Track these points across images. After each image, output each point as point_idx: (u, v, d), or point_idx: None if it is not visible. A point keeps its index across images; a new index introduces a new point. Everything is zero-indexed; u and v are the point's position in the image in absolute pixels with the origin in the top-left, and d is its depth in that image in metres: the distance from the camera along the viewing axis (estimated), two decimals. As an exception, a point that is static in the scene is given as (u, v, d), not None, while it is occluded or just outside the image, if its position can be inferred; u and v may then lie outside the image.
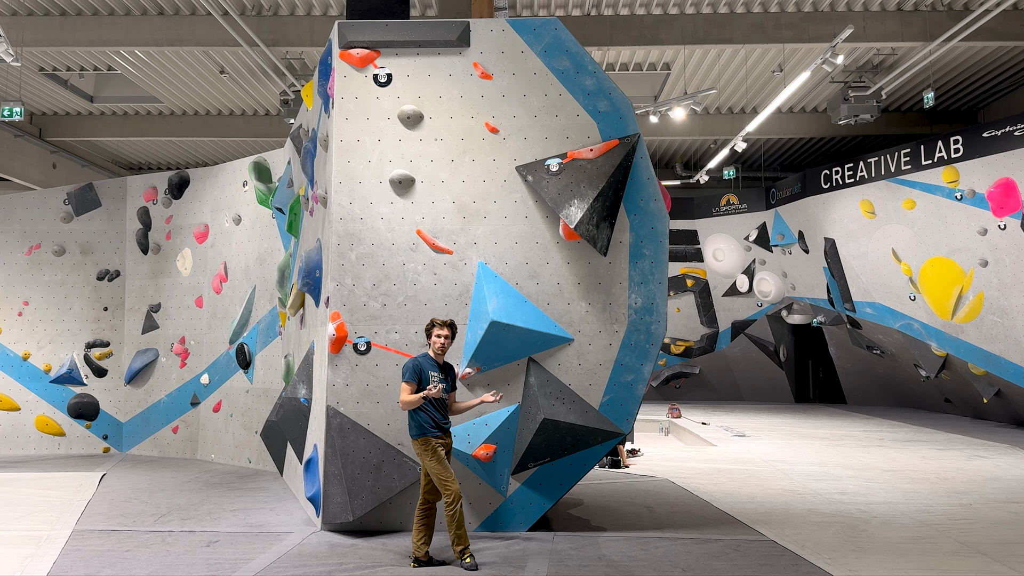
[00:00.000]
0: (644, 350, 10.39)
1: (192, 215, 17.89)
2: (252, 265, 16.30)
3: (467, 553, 8.70)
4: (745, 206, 30.39)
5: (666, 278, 10.51)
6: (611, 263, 10.44)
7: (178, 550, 9.37)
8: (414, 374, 8.91)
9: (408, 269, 10.39)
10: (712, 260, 31.18)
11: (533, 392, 10.22)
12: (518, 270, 10.43)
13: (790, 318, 30.38)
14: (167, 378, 17.82)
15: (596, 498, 12.58)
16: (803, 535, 10.12)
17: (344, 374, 10.25)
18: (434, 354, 9.15)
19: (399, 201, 10.48)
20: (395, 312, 10.33)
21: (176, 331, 17.83)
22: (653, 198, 10.50)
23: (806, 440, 19.69)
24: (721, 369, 32.31)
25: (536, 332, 10.17)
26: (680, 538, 9.96)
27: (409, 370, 8.94)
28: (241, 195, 16.83)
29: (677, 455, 17.77)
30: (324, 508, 10.14)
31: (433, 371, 9.01)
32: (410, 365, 8.99)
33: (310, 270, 11.70)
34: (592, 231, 10.15)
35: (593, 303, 10.41)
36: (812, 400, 32.65)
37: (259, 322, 16.00)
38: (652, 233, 10.48)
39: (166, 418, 17.78)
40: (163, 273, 18.14)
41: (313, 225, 12.17)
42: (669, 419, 24.26)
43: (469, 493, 10.21)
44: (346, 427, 10.13)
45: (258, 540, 9.87)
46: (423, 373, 8.94)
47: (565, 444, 10.23)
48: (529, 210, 10.50)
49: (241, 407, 16.33)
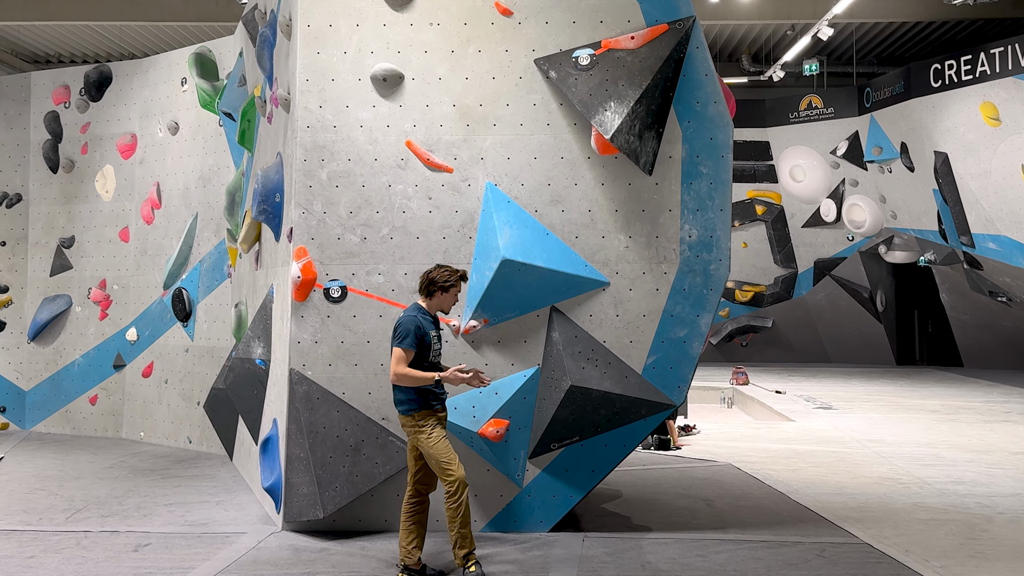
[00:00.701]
0: (701, 297, 10.33)
1: (115, 122, 17.84)
2: (193, 187, 16.27)
3: (472, 560, 8.65)
4: (832, 111, 30.23)
5: (729, 204, 10.42)
6: (658, 184, 10.34)
7: (96, 556, 9.39)
8: (415, 339, 8.72)
9: (395, 192, 10.32)
10: (789, 180, 31.09)
11: (557, 351, 10.18)
12: (537, 193, 10.35)
13: (890, 256, 30.32)
14: (83, 333, 17.86)
15: (639, 489, 12.60)
16: (907, 537, 10.10)
17: (312, 328, 10.21)
18: (431, 309, 9.05)
19: (383, 104, 10.39)
20: (378, 248, 10.27)
21: (95, 272, 17.85)
22: (712, 100, 10.37)
23: (911, 414, 19.70)
24: (801, 322, 32.32)
25: (561, 274, 10.10)
26: (748, 540, 9.97)
27: (409, 332, 8.72)
28: (179, 96, 16.76)
29: (743, 433, 17.79)
30: (286, 502, 10.14)
31: (432, 331, 8.90)
32: (409, 325, 8.76)
33: (268, 194, 11.63)
34: (633, 143, 10.04)
35: (635, 236, 10.33)
36: (918, 362, 32.71)
37: (202, 261, 15.99)
38: (711, 145, 10.36)
39: (81, 385, 17.85)
40: (78, 197, 18.13)
41: (272, 135, 12.09)
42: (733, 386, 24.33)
43: (473, 482, 10.19)
44: (315, 397, 10.11)
45: (200, 543, 9.89)
46: (425, 336, 8.81)
47: (598, 419, 10.20)
48: (552, 116, 10.39)
49: (179, 371, 16.35)
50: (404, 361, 8.64)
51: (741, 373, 25.17)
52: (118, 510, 11.35)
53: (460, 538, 8.66)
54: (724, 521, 10.84)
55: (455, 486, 8.59)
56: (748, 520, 10.88)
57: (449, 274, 8.93)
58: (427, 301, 8.99)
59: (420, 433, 8.71)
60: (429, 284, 8.95)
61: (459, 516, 8.63)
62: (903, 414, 19.63)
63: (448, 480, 8.61)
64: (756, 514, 11.18)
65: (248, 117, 13.81)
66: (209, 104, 15.84)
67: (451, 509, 8.62)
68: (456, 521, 8.63)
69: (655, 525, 10.62)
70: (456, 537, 8.66)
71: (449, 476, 8.60)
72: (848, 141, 29.71)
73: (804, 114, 30.68)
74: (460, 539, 8.66)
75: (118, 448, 16.01)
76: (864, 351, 32.18)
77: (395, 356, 8.68)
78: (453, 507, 8.60)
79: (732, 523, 10.74)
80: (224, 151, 15.58)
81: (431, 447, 8.67)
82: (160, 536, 10.14)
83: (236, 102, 14.37)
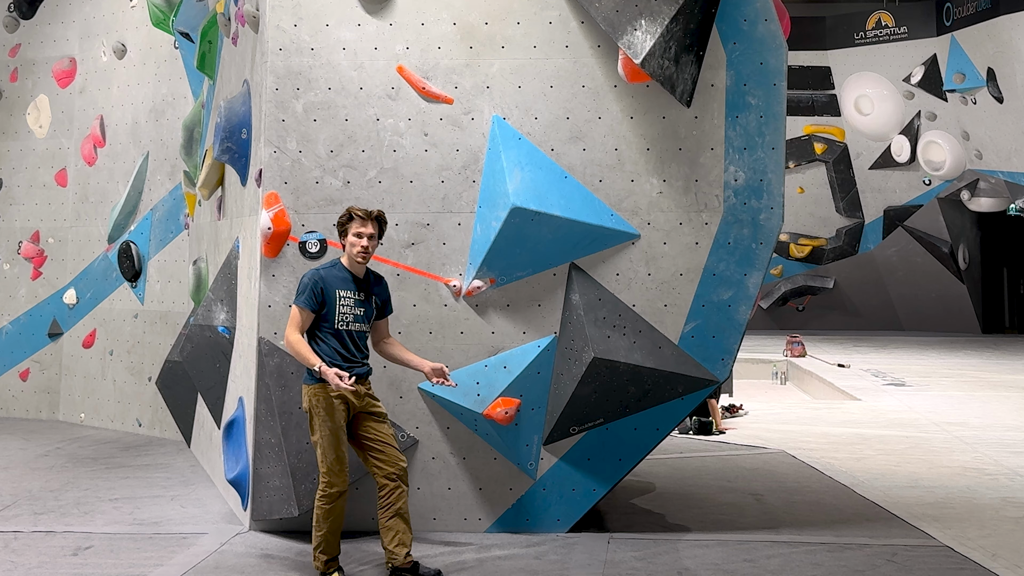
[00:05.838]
0: (749, 252, 10.30)
1: (50, 44, 17.81)
2: (143, 121, 16.26)
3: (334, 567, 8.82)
4: (905, 30, 30.16)
5: (783, 141, 10.39)
6: (697, 118, 10.31)
7: (29, 560, 9.42)
8: (311, 296, 8.76)
9: (384, 127, 10.31)
10: (854, 114, 31.04)
11: (578, 317, 10.16)
12: (554, 129, 10.32)
13: (974, 203, 30.27)
14: (11, 295, 17.87)
15: (675, 481, 12.64)
16: (994, 538, 10.11)
17: (285, 289, 10.19)
18: (350, 263, 9.04)
19: (370, 22, 10.35)
20: (364, 194, 10.25)
21: (26, 223, 17.85)
22: (763, 17, 10.30)
23: (999, 392, 19.72)
24: (868, 282, 32.33)
25: (581, 224, 10.08)
26: (804, 543, 9.98)
27: (306, 288, 8.80)
28: (126, 13, 16.70)
29: (799, 414, 17.84)
30: (255, 496, 10.18)
31: (345, 290, 8.89)
32: (307, 281, 8.83)
33: (233, 129, 11.62)
34: (668, 68, 9.99)
35: (670, 180, 10.31)
36: (1008, 330, 32.72)
37: (154, 209, 16.01)
38: (761, 72, 10.31)
39: (10, 358, 17.87)
40: (5, 133, 18.10)
41: (238, 60, 12.08)
42: (787, 359, 24.36)
43: (477, 474, 10.25)
44: (288, 371, 10.11)
45: (152, 546, 9.91)
46: (327, 294, 8.80)
47: (626, 398, 10.20)
48: (571, 36, 10.35)
49: (127, 340, 16.39)
50: (296, 323, 8.76)
51: (797, 343, 25.20)
52: (54, 506, 11.37)
53: (323, 541, 8.81)
54: (776, 519, 10.88)
55: (329, 489, 8.74)
56: (805, 518, 10.91)
57: (347, 214, 8.94)
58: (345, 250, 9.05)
59: (313, 411, 8.79)
60: (339, 228, 9.07)
61: (329, 520, 8.78)
62: (990, 392, 19.66)
63: (322, 482, 8.77)
64: (814, 511, 11.21)
65: (209, 38, 13.78)
66: (163, 22, 15.72)
67: (321, 508, 8.77)
68: (325, 523, 8.78)
69: (694, 524, 10.65)
70: (319, 541, 8.82)
71: (324, 478, 8.75)
72: (924, 67, 29.65)
73: (872, 34, 30.62)
74: (323, 542, 8.82)
75: (54, 432, 16.08)
76: (943, 317, 32.22)
77: (290, 315, 8.85)
78: (324, 507, 8.77)
79: (786, 522, 10.78)
80: (180, 78, 15.56)
81: (316, 437, 8.80)
82: (104, 537, 10.15)
83: (195, 20, 14.32)
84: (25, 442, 15.18)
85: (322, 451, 8.70)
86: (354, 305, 8.84)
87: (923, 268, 31.61)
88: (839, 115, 31.14)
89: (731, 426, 16.43)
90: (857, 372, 22.52)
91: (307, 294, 8.71)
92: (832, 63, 30.99)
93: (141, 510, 11.23)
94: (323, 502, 8.72)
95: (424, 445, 10.18)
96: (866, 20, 30.56)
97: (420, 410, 10.18)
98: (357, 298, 8.89)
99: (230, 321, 11.99)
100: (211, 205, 13.58)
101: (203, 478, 12.75)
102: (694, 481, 12.60)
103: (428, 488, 10.11)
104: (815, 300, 32.60)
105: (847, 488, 12.17)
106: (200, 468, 13.26)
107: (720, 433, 15.77)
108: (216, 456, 12.33)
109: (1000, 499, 11.65)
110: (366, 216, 8.89)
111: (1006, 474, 12.84)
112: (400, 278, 10.11)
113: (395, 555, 8.75)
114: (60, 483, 12.51)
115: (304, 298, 8.70)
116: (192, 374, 13.03)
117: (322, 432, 8.70)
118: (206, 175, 13.21)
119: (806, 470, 13.15)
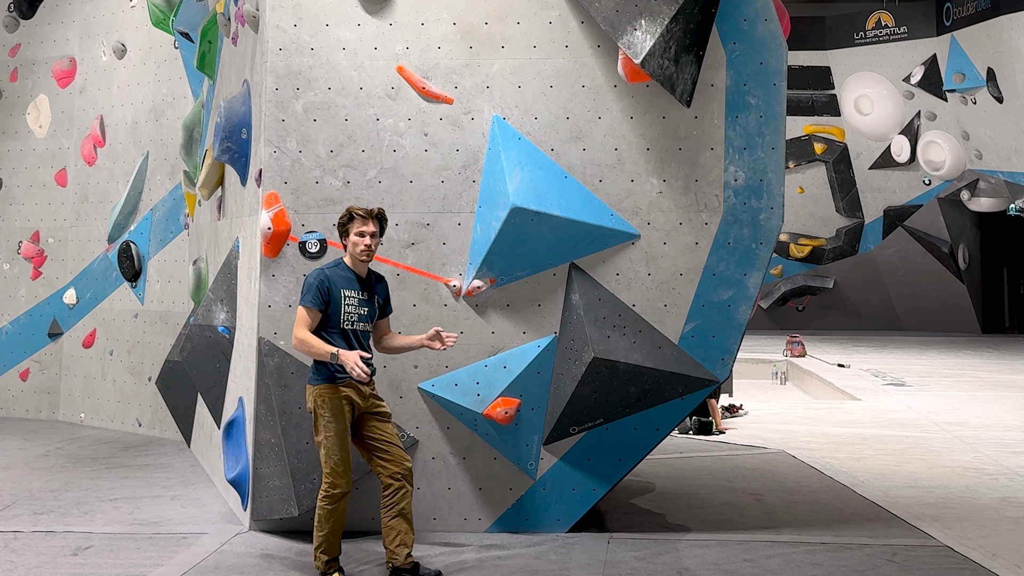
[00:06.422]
0: (749, 252, 10.31)
1: (51, 44, 17.80)
2: (143, 121, 16.25)
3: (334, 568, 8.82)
4: (905, 30, 30.16)
5: (783, 141, 10.39)
6: (697, 118, 10.31)
7: (28, 560, 9.42)
8: (318, 295, 8.78)
9: (384, 127, 10.31)
10: (854, 113, 31.03)
11: (578, 317, 10.16)
12: (554, 129, 10.32)
13: (974, 203, 30.27)
14: (12, 296, 17.87)
15: (675, 481, 12.65)
16: (994, 538, 10.11)
17: (285, 289, 10.21)
18: (352, 262, 9.06)
19: (370, 22, 10.35)
20: (364, 193, 10.25)
21: (26, 223, 17.84)
22: (763, 17, 10.31)
23: (999, 392, 19.72)
24: (868, 282, 32.33)
25: (581, 224, 10.08)
26: (804, 543, 9.99)
27: (311, 288, 8.82)
28: (126, 13, 16.69)
29: (799, 414, 17.84)
30: (255, 496, 10.18)
31: (349, 290, 8.92)
32: (312, 279, 8.87)
33: (233, 129, 11.62)
34: (668, 68, 9.99)
35: (670, 180, 10.31)
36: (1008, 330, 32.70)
37: (154, 209, 15.99)
38: (761, 72, 10.32)
39: (10, 358, 17.87)
40: (6, 133, 18.10)
41: (238, 60, 12.08)
42: (787, 359, 24.37)
43: (477, 474, 10.25)
44: (288, 371, 10.13)
45: (152, 546, 9.91)
46: (332, 294, 8.83)
47: (626, 398, 10.20)
48: (571, 36, 10.35)
49: (127, 340, 16.38)
50: (304, 322, 8.76)
51: (797, 343, 25.20)
52: (54, 506, 11.38)
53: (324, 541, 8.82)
54: (776, 519, 10.89)
55: (332, 490, 8.74)
56: (805, 518, 10.92)
57: (348, 214, 8.96)
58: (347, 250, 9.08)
59: (319, 412, 8.79)
60: (339, 228, 9.09)
61: (331, 520, 8.79)
62: (990, 392, 19.65)
63: (326, 482, 8.76)
64: (814, 511, 11.22)
65: (209, 38, 13.78)
66: (163, 22, 15.73)
67: (323, 509, 8.79)
68: (326, 524, 8.79)
69: (694, 524, 10.66)
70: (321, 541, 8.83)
71: (327, 479, 8.75)
72: (924, 67, 29.65)
73: (872, 34, 30.62)
74: (325, 542, 8.82)
75: (54, 432, 16.07)
76: (943, 317, 32.21)
77: (297, 316, 8.84)
78: (326, 508, 8.78)
79: (786, 522, 10.79)
80: (180, 78, 15.55)
81: (320, 438, 8.79)
82: (104, 537, 10.15)
83: (195, 20, 14.32)
84: (25, 442, 15.18)
85: (326, 452, 8.71)
86: (358, 305, 8.88)
87: (923, 268, 31.62)
88: (839, 115, 31.15)
89: (731, 426, 16.44)
90: (857, 372, 22.53)
91: (313, 293, 8.73)
92: (832, 63, 31.01)
93: (141, 510, 11.23)
94: (326, 502, 8.73)
95: (424, 445, 10.18)
96: (866, 20, 30.58)
97: (420, 410, 10.19)
98: (361, 298, 8.93)
99: (230, 321, 11.99)
100: (211, 205, 13.58)
101: (203, 478, 12.75)
102: (694, 481, 12.61)
103: (428, 488, 10.11)
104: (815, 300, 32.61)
105: (847, 488, 12.18)
106: (200, 468, 13.26)
107: (720, 433, 15.78)
108: (216, 456, 12.33)
109: (1000, 499, 11.66)
110: (367, 215, 8.92)
111: (1006, 474, 12.85)
112: (400, 278, 10.11)
113: (396, 555, 8.77)
114: (60, 483, 12.51)
115: (311, 297, 8.72)
116: (192, 374, 13.03)
117: (327, 433, 8.72)
118: (206, 175, 13.21)
119: (806, 470, 13.15)
